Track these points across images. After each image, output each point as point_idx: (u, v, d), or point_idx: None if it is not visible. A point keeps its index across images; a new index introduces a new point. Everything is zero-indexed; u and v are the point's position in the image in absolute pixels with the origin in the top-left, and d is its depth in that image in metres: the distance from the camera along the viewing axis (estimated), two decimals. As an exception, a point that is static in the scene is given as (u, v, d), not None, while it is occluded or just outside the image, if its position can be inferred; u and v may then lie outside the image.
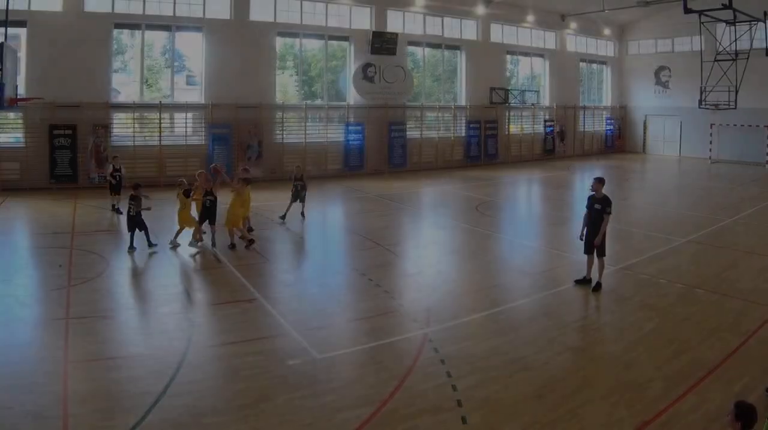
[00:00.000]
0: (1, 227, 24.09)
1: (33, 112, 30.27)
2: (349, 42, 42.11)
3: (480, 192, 34.47)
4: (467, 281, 17.89)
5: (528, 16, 49.99)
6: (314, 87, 43.01)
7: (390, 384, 10.85)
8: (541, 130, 52.79)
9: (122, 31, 36.16)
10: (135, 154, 34.09)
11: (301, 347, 12.45)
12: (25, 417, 9.46)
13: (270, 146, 38.00)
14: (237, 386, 10.79)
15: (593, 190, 16.36)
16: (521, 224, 27.26)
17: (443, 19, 46.23)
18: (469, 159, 47.24)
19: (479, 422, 9.69)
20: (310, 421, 9.67)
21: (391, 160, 42.76)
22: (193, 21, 36.08)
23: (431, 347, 12.51)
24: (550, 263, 19.80)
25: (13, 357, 11.63)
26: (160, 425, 9.43)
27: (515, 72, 52.59)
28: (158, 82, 38.31)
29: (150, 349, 12.42)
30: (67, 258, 18.90)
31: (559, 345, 12.76)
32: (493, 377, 11.19)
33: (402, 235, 24.09)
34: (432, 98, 47.15)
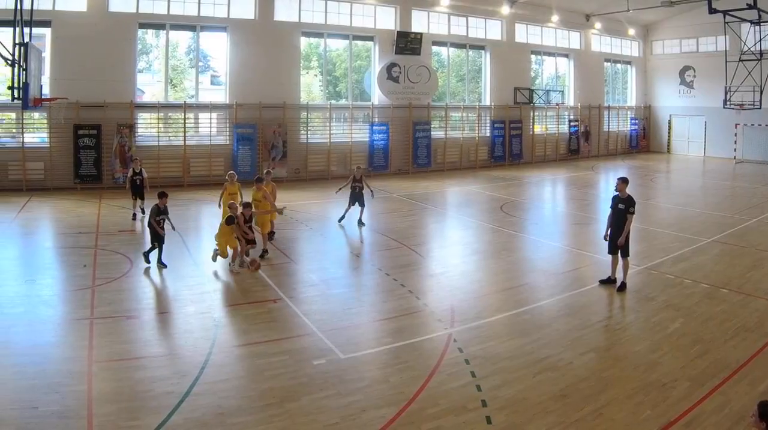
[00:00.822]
0: (26, 226, 23.71)
1: (57, 112, 29.39)
2: (373, 42, 41.29)
3: (504, 192, 33.90)
4: (492, 280, 17.66)
5: (553, 16, 48.85)
6: (339, 87, 42.34)
7: (414, 384, 10.80)
8: (566, 130, 51.48)
9: (147, 31, 35.65)
10: (159, 154, 33.56)
11: (325, 347, 12.39)
12: (50, 417, 9.42)
13: (294, 146, 37.24)
14: (262, 386, 10.70)
15: (617, 190, 16.26)
16: (546, 223, 26.56)
17: (468, 18, 45.23)
18: (493, 159, 46.25)
19: (504, 421, 9.62)
20: (335, 421, 9.61)
21: (415, 160, 41.88)
22: (218, 21, 35.46)
23: (456, 346, 12.42)
24: (574, 262, 19.44)
25: (38, 357, 11.55)
26: (184, 425, 9.39)
27: (540, 72, 51.58)
28: (183, 82, 37.74)
29: (174, 349, 12.39)
30: (92, 258, 18.67)
31: (583, 345, 12.65)
32: (517, 376, 11.12)
33: (426, 235, 23.65)
34: (456, 98, 46.34)
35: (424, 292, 16.31)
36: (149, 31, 35.80)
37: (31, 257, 19.48)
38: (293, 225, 23.36)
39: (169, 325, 13.87)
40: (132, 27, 33.30)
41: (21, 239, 21.93)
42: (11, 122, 31.71)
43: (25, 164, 30.74)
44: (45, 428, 9.16)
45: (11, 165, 30.65)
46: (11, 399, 9.97)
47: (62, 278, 17.02)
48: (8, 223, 23.85)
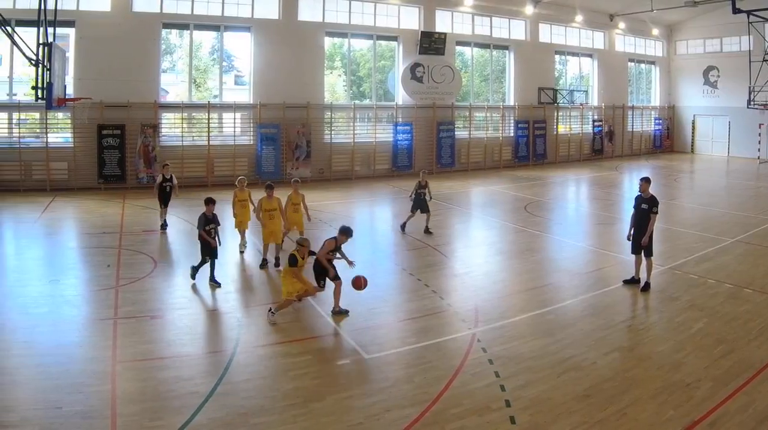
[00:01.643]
0: (50, 226, 23.40)
1: (81, 112, 28.78)
2: (397, 42, 40.47)
3: (528, 192, 33.29)
4: (516, 280, 17.33)
5: (576, 16, 47.66)
6: (363, 87, 41.65)
7: (438, 384, 10.65)
8: (590, 130, 50.53)
9: (170, 31, 35.15)
10: (183, 154, 33.01)
11: (350, 347, 12.34)
12: (74, 417, 9.29)
13: (318, 146, 36.56)
14: (286, 386, 10.57)
15: (640, 190, 16.06)
16: (569, 223, 26.13)
17: (492, 18, 44.29)
18: (517, 159, 45.25)
19: (527, 421, 9.47)
20: (359, 421, 9.48)
21: (439, 160, 40.97)
22: (242, 21, 34.91)
23: (479, 346, 12.25)
24: (598, 263, 19.14)
25: (62, 357, 11.41)
26: (208, 425, 9.28)
27: (564, 72, 50.41)
28: (206, 82, 37.20)
29: (198, 349, 12.25)
30: (115, 258, 18.48)
31: (607, 345, 12.46)
32: (541, 376, 10.95)
33: (450, 235, 23.08)
34: (480, 98, 45.35)
35: (448, 292, 16.05)
36: (173, 31, 35.28)
37: (55, 257, 19.21)
38: (317, 225, 22.59)
39: (193, 325, 13.60)
40: (156, 27, 32.79)
41: (45, 239, 21.60)
42: (35, 122, 31.32)
43: (49, 164, 30.30)
44: (69, 427, 9.03)
45: (35, 165, 30.21)
46: (35, 399, 9.90)
47: (86, 278, 16.76)
48: (32, 223, 23.56)
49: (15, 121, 30.41)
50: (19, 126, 30.58)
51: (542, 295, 15.77)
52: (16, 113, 30.37)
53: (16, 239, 22.09)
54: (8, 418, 9.28)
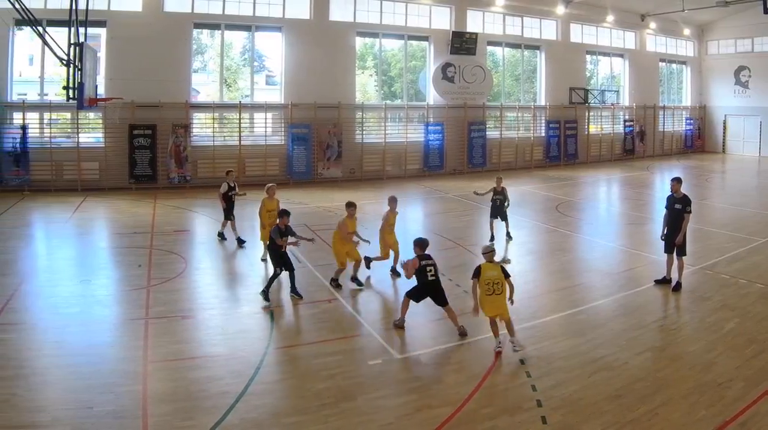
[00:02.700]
0: (81, 226, 22.93)
1: (112, 112, 27.95)
2: (428, 42, 39.23)
3: (560, 192, 32.38)
4: (547, 280, 17.03)
5: (608, 16, 46.10)
6: (394, 87, 40.51)
7: (470, 384, 10.43)
8: (621, 130, 48.97)
9: (201, 31, 34.47)
10: (215, 154, 32.23)
11: (381, 347, 12.06)
12: (105, 417, 9.15)
13: (349, 146, 35.53)
14: (317, 386, 10.36)
15: (672, 190, 15.70)
16: (601, 223, 25.39)
17: (523, 18, 42.88)
18: (548, 159, 43.79)
19: (559, 421, 9.27)
20: (390, 421, 9.32)
21: (470, 160, 39.69)
22: (273, 21, 34.03)
23: (511, 347, 11.76)
24: (630, 262, 18.58)
25: (93, 357, 11.21)
26: (240, 425, 9.12)
27: (595, 72, 48.86)
28: (237, 82, 36.40)
29: (230, 349, 11.94)
30: (147, 258, 18.13)
31: (638, 345, 12.14)
32: (572, 376, 10.72)
33: (482, 235, 21.97)
34: (512, 98, 43.97)
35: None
36: (204, 31, 34.62)
37: (86, 257, 18.80)
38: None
39: (224, 325, 13.25)
40: (187, 27, 32.10)
41: (76, 239, 21.21)
42: (66, 122, 30.78)
43: (81, 164, 29.72)
44: (100, 428, 8.89)
45: (66, 165, 29.67)
46: (67, 399, 9.69)
47: (117, 278, 16.53)
48: (63, 223, 23.17)
49: (46, 121, 29.91)
50: (50, 126, 30.01)
51: (573, 295, 15.40)
52: (47, 113, 29.90)
53: (47, 238, 21.72)
54: (40, 418, 9.11)
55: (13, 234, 20.98)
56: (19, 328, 12.61)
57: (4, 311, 13.43)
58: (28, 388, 10.00)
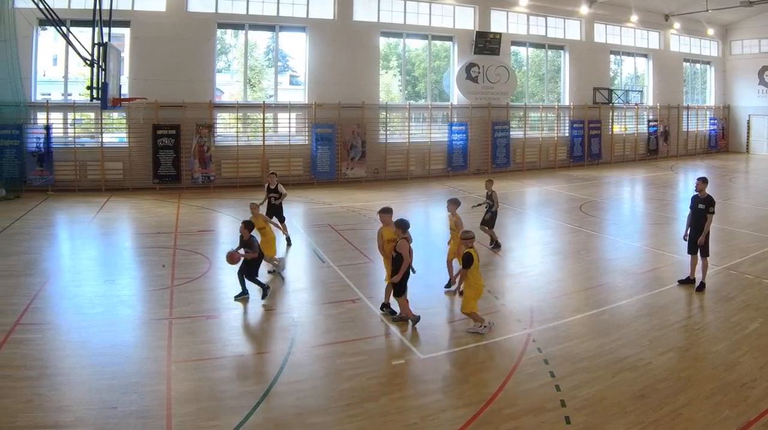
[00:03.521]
0: (105, 226, 22.38)
1: (136, 112, 27.54)
2: (452, 42, 38.18)
3: (584, 192, 31.45)
4: (571, 280, 16.44)
5: (632, 16, 44.88)
6: (418, 87, 39.46)
7: (493, 384, 10.23)
8: (645, 130, 47.60)
9: (225, 31, 33.68)
10: (238, 154, 31.45)
11: (404, 347, 11.82)
12: (129, 417, 8.96)
13: (373, 146, 34.57)
14: (341, 386, 10.15)
15: (697, 190, 15.30)
16: (625, 224, 24.53)
17: (546, 18, 41.68)
18: (572, 159, 42.59)
19: (583, 422, 9.04)
20: (414, 421, 9.10)
21: (494, 160, 38.59)
22: (297, 21, 33.17)
23: (534, 347, 11.70)
24: (653, 263, 18.03)
25: (117, 357, 11.00)
26: (263, 425, 8.91)
27: (619, 72, 47.63)
28: (261, 82, 35.59)
29: (253, 349, 11.85)
30: (171, 258, 17.70)
31: (662, 345, 11.82)
32: (596, 377, 10.48)
33: (505, 235, 21.43)
34: (535, 98, 42.90)
35: (503, 292, 15.25)
36: (228, 31, 33.85)
37: (110, 257, 18.30)
38: (372, 225, 21.09)
39: (248, 325, 13.16)
40: (211, 27, 31.32)
41: (100, 239, 20.66)
42: (90, 122, 30.16)
43: (104, 164, 29.10)
44: (124, 428, 8.70)
45: (90, 165, 29.08)
46: (90, 399, 9.47)
47: (141, 278, 16.13)
48: (87, 223, 22.68)
49: (70, 121, 29.30)
50: (74, 126, 29.38)
51: (597, 295, 14.97)
52: (71, 113, 29.23)
53: (71, 238, 21.31)
54: (63, 418, 8.87)
55: (38, 234, 20.57)
56: (43, 328, 12.30)
57: (28, 311, 13.11)
58: (52, 388, 9.75)
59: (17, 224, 21.83)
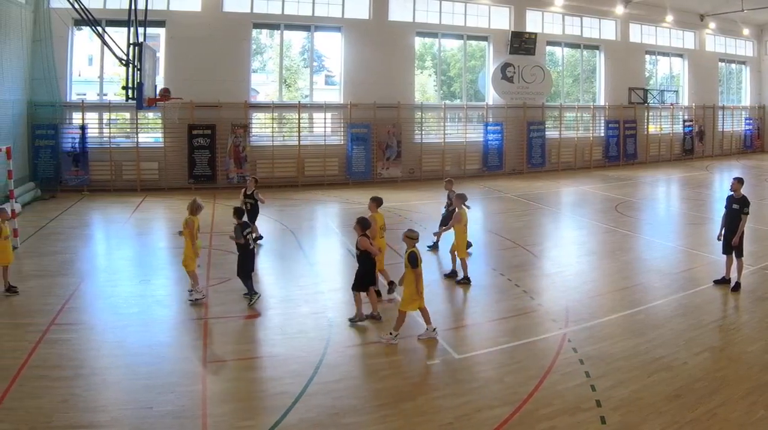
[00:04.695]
0: (140, 226, 21.82)
1: (171, 112, 26.14)
2: (487, 42, 36.47)
3: (619, 192, 30.19)
4: (606, 280, 15.92)
5: (667, 16, 42.79)
6: (453, 87, 37.72)
7: (529, 384, 9.83)
8: (680, 130, 45.49)
9: (261, 31, 32.40)
10: (273, 154, 30.27)
11: (440, 347, 11.34)
12: (165, 417, 8.63)
13: (409, 146, 33.14)
14: (376, 386, 9.87)
15: (732, 189, 14.75)
16: (660, 224, 23.74)
17: (582, 18, 39.76)
18: (608, 159, 40.65)
19: (618, 422, 8.65)
20: (449, 421, 8.71)
21: (530, 160, 36.92)
22: (332, 21, 31.92)
23: (570, 347, 11.27)
24: (688, 263, 17.45)
25: (153, 357, 10.68)
26: (299, 425, 8.57)
27: (654, 72, 45.40)
28: (297, 82, 34.22)
29: (288, 349, 11.26)
30: (206, 258, 16.79)
31: (697, 345, 11.40)
32: (631, 377, 10.08)
33: (541, 235, 21.69)
34: (571, 98, 40.89)
35: (539, 292, 14.77)
36: (263, 31, 32.57)
37: (146, 257, 17.86)
38: (407, 224, 20.34)
39: (283, 325, 12.44)
40: (246, 27, 30.21)
41: (135, 239, 20.12)
42: (125, 122, 29.18)
43: (140, 164, 28.08)
44: (159, 428, 8.40)
45: (126, 165, 28.13)
46: (126, 399, 9.20)
47: (176, 278, 15.28)
48: (123, 223, 22.02)
49: (106, 121, 28.40)
50: (109, 126, 28.46)
51: (633, 295, 14.46)
52: (106, 113, 28.38)
53: (107, 238, 20.80)
54: (99, 418, 8.59)
55: (73, 234, 19.97)
56: (78, 328, 11.96)
57: (63, 310, 12.66)
58: (88, 388, 9.43)
59: (52, 224, 21.22)
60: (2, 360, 10.25)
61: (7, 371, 9.81)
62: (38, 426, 8.29)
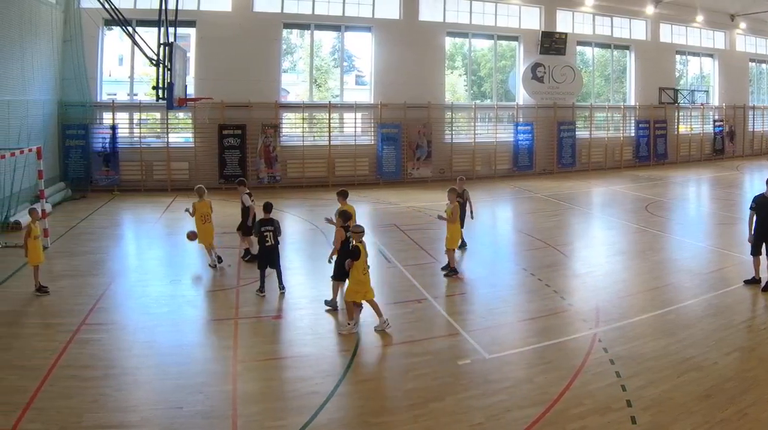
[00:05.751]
0: (170, 226, 20.89)
1: (202, 112, 25.33)
2: (518, 42, 34.77)
3: (649, 192, 28.97)
4: (636, 280, 15.35)
5: (697, 16, 40.64)
6: (483, 87, 36.03)
7: (559, 384, 9.45)
8: (710, 130, 43.35)
9: (291, 31, 31.08)
10: (304, 154, 29.00)
11: (470, 347, 10.94)
12: (195, 417, 8.37)
13: (439, 146, 31.65)
14: (406, 386, 9.50)
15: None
16: (690, 223, 22.92)
17: (612, 18, 37.85)
18: (638, 159, 38.72)
19: (649, 422, 8.27)
20: (480, 421, 8.38)
21: (560, 160, 35.17)
22: (362, 21, 30.56)
23: (600, 347, 10.87)
24: (719, 263, 16.83)
25: (183, 357, 10.37)
26: (329, 425, 8.26)
27: (684, 72, 43.35)
28: (327, 82, 32.84)
29: (319, 349, 10.95)
30: (236, 258, 16.51)
31: (728, 345, 10.92)
32: (662, 376, 9.67)
33: (571, 235, 21.00)
34: (601, 98, 39.01)
35: (569, 292, 14.31)
36: (294, 31, 31.25)
37: (176, 257, 17.31)
38: (437, 224, 19.51)
39: (314, 325, 12.06)
40: (277, 27, 28.94)
41: (166, 239, 19.46)
42: (156, 122, 28.07)
43: (171, 164, 26.95)
44: (190, 428, 8.13)
45: (156, 165, 27.02)
46: (156, 399, 8.90)
47: (207, 278, 15.16)
48: (153, 223, 21.34)
49: (136, 121, 27.38)
50: (140, 126, 27.44)
51: (663, 295, 13.99)
52: (137, 113, 27.31)
53: (137, 239, 20.19)
54: (129, 418, 8.34)
55: (103, 234, 19.36)
56: (109, 328, 11.66)
57: (94, 310, 12.34)
58: (118, 388, 9.18)
59: (83, 224, 20.54)
60: (33, 360, 9.92)
61: (38, 370, 9.49)
62: (69, 426, 7.99)
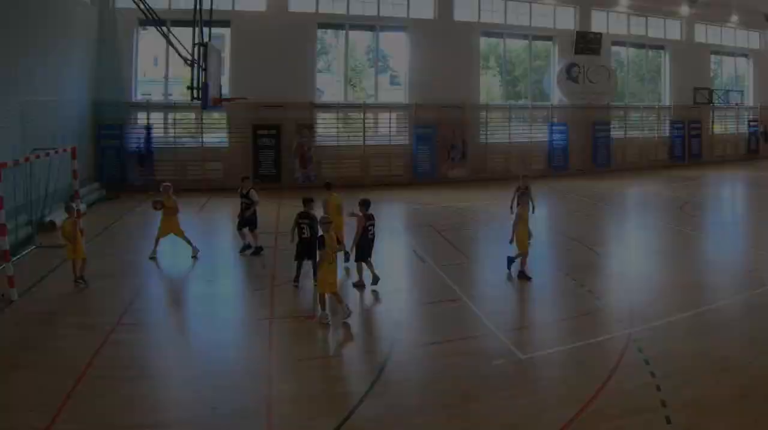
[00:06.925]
0: (205, 227, 20.26)
1: (237, 112, 24.28)
2: (552, 42, 33.01)
3: (684, 192, 27.80)
4: (671, 280, 14.57)
5: (732, 16, 38.41)
6: (518, 87, 34.28)
7: (594, 384, 8.77)
8: (745, 130, 41.17)
9: (326, 31, 29.74)
10: (339, 154, 27.74)
11: (505, 348, 10.33)
12: (230, 417, 7.98)
13: (474, 146, 30.03)
14: (441, 386, 8.97)
15: None
16: (726, 223, 22.36)
17: (647, 18, 35.84)
18: (673, 159, 36.72)
19: (684, 422, 7.76)
20: (514, 421, 7.92)
21: (595, 160, 33.32)
22: (397, 21, 29.10)
23: (635, 347, 10.13)
24: (754, 262, 15.93)
25: (218, 357, 9.91)
26: (364, 425, 7.84)
27: (719, 72, 41.12)
28: (362, 82, 31.41)
29: (354, 349, 10.66)
30: (271, 258, 15.79)
31: (763, 345, 10.19)
32: (697, 376, 9.04)
33: (606, 235, 20.50)
34: (636, 98, 36.99)
35: (604, 292, 13.77)
36: (328, 31, 29.92)
37: (211, 257, 16.43)
38: (472, 225, 19.89)
39: (349, 325, 11.38)
40: (311, 27, 27.60)
41: (200, 239, 18.11)
42: (190, 122, 26.95)
43: (205, 164, 25.91)
44: (224, 428, 7.80)
45: (190, 165, 25.92)
46: (192, 399, 8.47)
47: (242, 279, 14.90)
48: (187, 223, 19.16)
49: (171, 122, 26.35)
50: (174, 126, 26.39)
51: (698, 295, 13.37)
52: (171, 113, 26.32)
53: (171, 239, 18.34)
54: (164, 417, 8.00)
55: (138, 234, 18.54)
56: (143, 328, 11.34)
57: (128, 311, 11.91)
58: (153, 388, 8.91)
59: (117, 224, 19.86)
60: (68, 360, 9.50)
61: (73, 370, 9.08)
62: (103, 426, 7.79)
